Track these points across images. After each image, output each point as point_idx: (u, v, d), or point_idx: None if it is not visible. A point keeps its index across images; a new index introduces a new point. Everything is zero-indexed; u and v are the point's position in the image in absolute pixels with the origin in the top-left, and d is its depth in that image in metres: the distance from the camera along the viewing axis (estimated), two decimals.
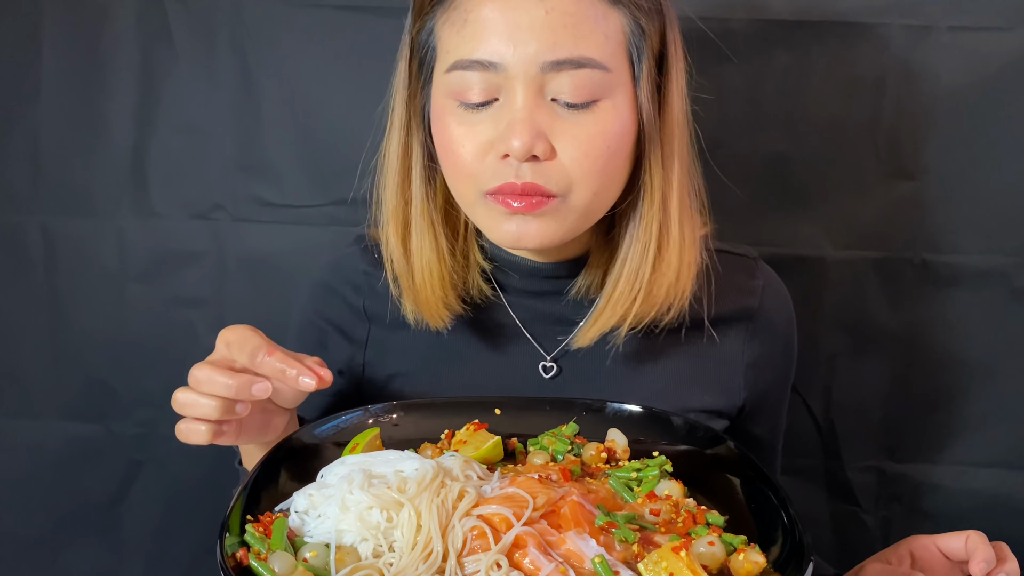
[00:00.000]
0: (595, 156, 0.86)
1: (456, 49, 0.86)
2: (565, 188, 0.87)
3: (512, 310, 1.00)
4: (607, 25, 0.85)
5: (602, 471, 0.85)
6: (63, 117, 1.33)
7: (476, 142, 0.87)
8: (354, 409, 0.91)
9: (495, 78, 0.85)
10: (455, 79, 0.86)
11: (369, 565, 0.69)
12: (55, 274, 1.37)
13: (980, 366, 1.33)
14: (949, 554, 0.88)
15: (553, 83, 0.84)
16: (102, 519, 1.42)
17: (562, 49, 0.83)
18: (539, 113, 0.85)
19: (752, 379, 1.04)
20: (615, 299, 0.93)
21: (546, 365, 1.00)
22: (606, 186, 0.89)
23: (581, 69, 0.84)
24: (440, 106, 0.89)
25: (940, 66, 1.25)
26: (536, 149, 0.84)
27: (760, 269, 1.07)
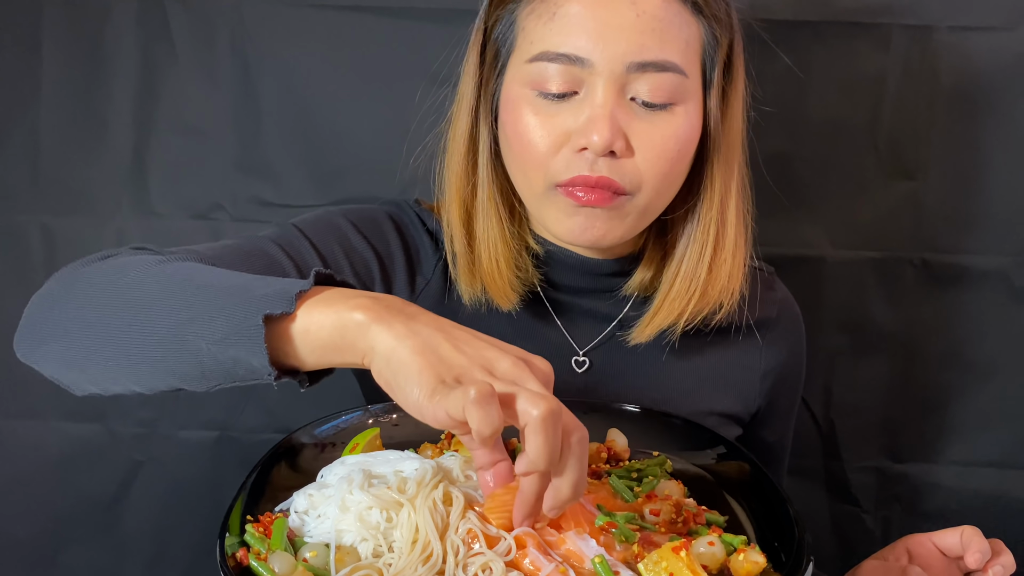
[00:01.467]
0: (667, 158, 0.88)
1: (542, 40, 0.87)
2: (635, 187, 0.89)
3: (550, 302, 1.01)
4: (689, 33, 0.88)
5: (602, 471, 0.85)
6: (63, 117, 1.32)
7: (552, 133, 0.88)
8: (354, 409, 0.91)
9: (579, 72, 0.86)
10: (537, 69, 0.88)
11: (368, 565, 0.69)
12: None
13: (980, 366, 1.33)
14: (945, 550, 0.88)
15: (635, 83, 0.86)
16: (102, 519, 1.42)
17: (648, 52, 0.85)
18: (619, 111, 0.86)
19: (767, 387, 1.07)
20: (671, 297, 0.96)
21: (578, 359, 1.01)
22: (669, 188, 0.92)
23: (663, 73, 0.86)
24: (516, 95, 0.90)
25: (940, 66, 1.25)
26: (615, 145, 0.86)
27: (776, 283, 1.11)
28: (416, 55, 1.25)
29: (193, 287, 0.71)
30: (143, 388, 0.74)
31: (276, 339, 0.66)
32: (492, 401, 0.59)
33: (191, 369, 0.69)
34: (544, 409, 0.61)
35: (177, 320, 0.69)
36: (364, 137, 1.31)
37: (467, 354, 0.64)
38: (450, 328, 0.66)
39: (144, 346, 0.70)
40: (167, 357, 0.69)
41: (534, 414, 0.61)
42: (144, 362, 0.71)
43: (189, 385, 0.72)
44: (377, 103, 1.29)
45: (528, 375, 0.64)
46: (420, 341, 0.64)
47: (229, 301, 0.67)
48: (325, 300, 0.66)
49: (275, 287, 0.68)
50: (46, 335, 0.76)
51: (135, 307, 0.71)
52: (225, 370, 0.68)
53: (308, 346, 0.66)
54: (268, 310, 0.65)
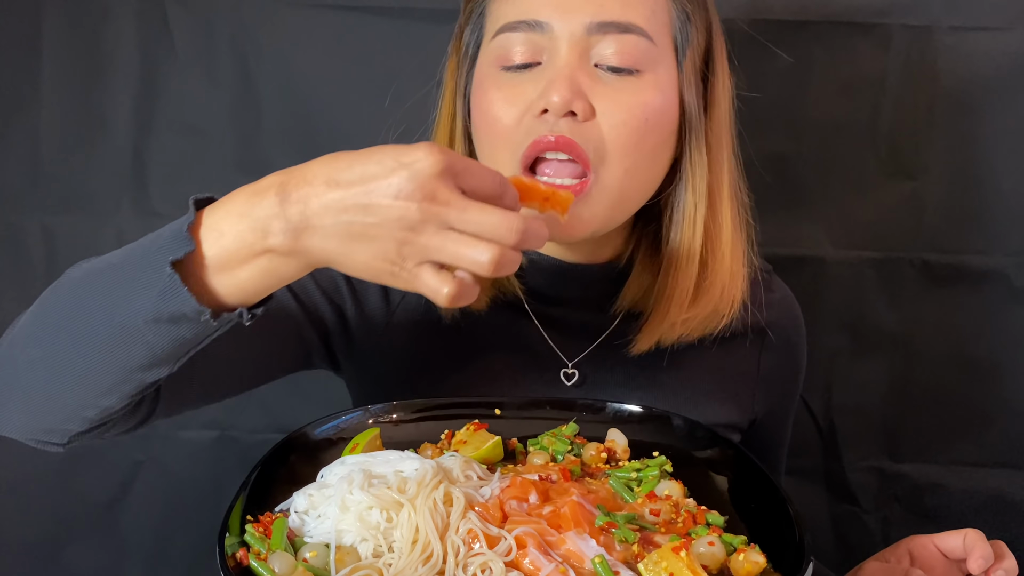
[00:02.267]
0: (633, 126, 0.85)
1: (504, 15, 0.87)
2: (599, 154, 0.85)
3: (536, 316, 0.99)
4: (654, 1, 0.86)
5: (602, 471, 0.85)
6: (63, 117, 1.32)
7: (515, 103, 0.86)
8: (354, 409, 0.91)
9: (540, 39, 0.85)
10: (500, 43, 0.87)
11: (368, 565, 0.69)
12: (55, 274, 1.34)
13: (980, 366, 1.33)
14: (947, 552, 0.88)
15: (597, 47, 0.85)
16: (102, 519, 1.42)
17: (609, 12, 0.84)
18: (581, 74, 0.84)
19: (765, 392, 1.04)
20: (666, 301, 0.92)
21: (568, 372, 0.99)
22: (640, 165, 0.87)
23: (627, 34, 0.84)
24: (483, 75, 0.89)
25: (940, 66, 1.25)
26: (574, 105, 0.83)
27: (774, 282, 1.07)
28: (416, 55, 1.24)
29: (102, 273, 0.70)
30: (115, 400, 0.72)
31: (195, 281, 0.66)
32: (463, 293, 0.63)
33: (144, 354, 0.68)
34: (490, 259, 0.62)
35: (105, 314, 0.68)
36: (364, 137, 1.30)
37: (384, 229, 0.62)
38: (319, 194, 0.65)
39: (93, 355, 0.69)
40: (118, 355, 0.68)
41: (485, 263, 0.62)
42: (100, 371, 0.70)
43: (154, 373, 0.70)
44: (377, 103, 1.29)
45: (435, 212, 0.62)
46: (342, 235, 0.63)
47: (133, 271, 0.67)
48: (216, 221, 0.66)
49: (167, 234, 0.67)
50: (4, 396, 0.75)
51: (65, 321, 0.70)
52: (172, 339, 0.67)
53: (232, 267, 0.66)
54: (171, 256, 0.65)
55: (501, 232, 0.62)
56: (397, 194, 0.61)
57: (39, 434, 0.76)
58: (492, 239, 0.62)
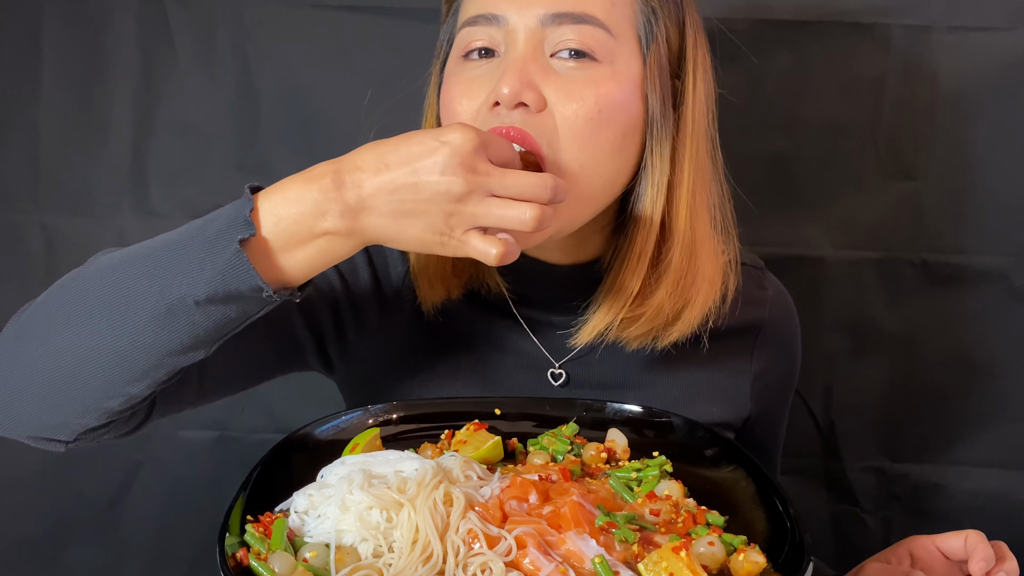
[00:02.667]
0: (584, 115, 0.83)
1: (467, 10, 0.88)
2: (553, 146, 0.83)
3: (522, 317, 0.99)
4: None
5: (602, 471, 0.85)
6: (63, 117, 1.33)
7: (472, 96, 0.86)
8: (354, 409, 0.91)
9: (498, 33, 0.86)
10: (462, 36, 0.88)
11: (369, 565, 0.69)
12: (55, 274, 1.34)
13: (980, 366, 1.33)
14: (948, 554, 0.88)
15: (553, 37, 0.84)
16: (102, 519, 1.42)
17: (564, 3, 0.84)
18: (533, 64, 0.84)
19: (758, 391, 1.04)
20: (611, 296, 0.90)
21: (555, 372, 0.99)
22: (597, 159, 0.85)
23: (582, 24, 0.84)
24: (448, 70, 0.90)
25: (940, 66, 1.25)
26: (524, 96, 0.82)
27: (767, 279, 1.06)
28: (416, 55, 1.24)
29: (143, 261, 0.72)
30: (144, 387, 0.73)
31: (256, 260, 0.70)
32: (508, 253, 0.71)
33: (186, 338, 0.71)
34: (532, 217, 0.70)
35: (154, 293, 0.69)
36: (364, 137, 1.30)
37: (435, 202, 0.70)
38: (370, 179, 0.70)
39: (131, 336, 0.70)
40: (158, 336, 0.70)
41: (527, 221, 0.70)
42: (137, 353, 0.71)
43: (188, 357, 0.73)
44: (377, 103, 1.29)
45: (479, 182, 0.70)
46: (395, 213, 0.70)
47: (191, 253, 0.70)
48: (273, 206, 0.71)
49: (225, 218, 0.71)
50: (10, 395, 0.75)
51: (98, 308, 0.71)
52: (218, 319, 0.71)
53: (291, 247, 0.71)
54: (239, 235, 0.69)
55: (537, 191, 0.71)
56: (444, 169, 0.69)
57: (48, 431, 0.77)
58: (530, 198, 0.71)
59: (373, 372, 1.00)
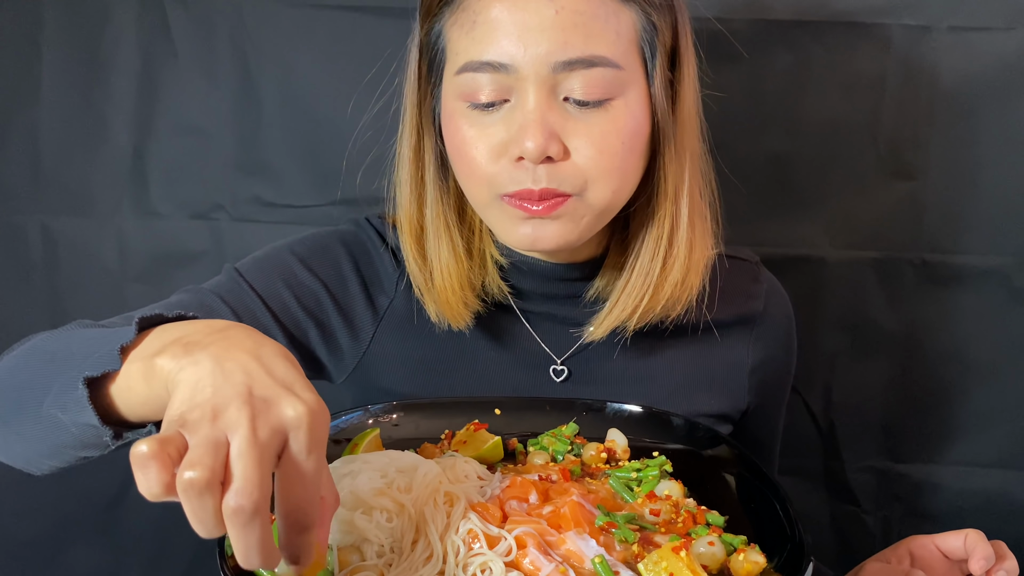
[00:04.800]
0: (610, 154, 0.85)
1: (466, 51, 0.85)
2: (580, 188, 0.86)
3: (523, 313, 0.99)
4: (618, 23, 0.85)
5: (602, 471, 0.85)
6: (63, 117, 1.33)
7: (489, 144, 0.86)
8: (354, 409, 0.91)
9: (506, 79, 0.84)
10: (465, 81, 0.86)
11: (370, 565, 0.69)
12: (55, 274, 1.37)
13: (980, 366, 1.33)
14: (948, 553, 0.88)
15: (565, 83, 0.84)
16: (102, 519, 1.42)
17: (573, 49, 0.82)
18: (551, 114, 0.84)
19: (755, 383, 1.04)
20: (625, 295, 0.93)
21: (557, 368, 0.99)
22: (622, 184, 0.88)
23: (593, 68, 0.83)
24: (451, 108, 0.88)
25: (940, 66, 1.25)
26: (550, 150, 0.83)
27: (762, 273, 1.07)
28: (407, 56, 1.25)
29: (48, 358, 0.72)
30: (59, 463, 0.74)
31: (109, 399, 0.65)
32: (148, 464, 0.57)
33: (70, 440, 0.69)
34: (186, 478, 0.56)
35: (38, 396, 0.69)
36: (364, 137, 1.31)
37: (213, 391, 0.57)
38: (233, 356, 0.59)
39: (28, 426, 0.71)
40: (47, 434, 0.70)
41: (182, 478, 0.56)
42: (37, 441, 0.72)
43: (86, 453, 0.71)
44: (377, 103, 1.29)
45: (242, 425, 0.55)
46: (193, 372, 0.59)
47: (65, 369, 0.67)
48: (139, 351, 0.63)
49: (103, 346, 0.65)
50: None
51: (11, 389, 0.73)
52: (93, 436, 0.67)
53: (129, 397, 0.64)
54: (88, 372, 0.64)
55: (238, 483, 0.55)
56: (252, 386, 0.57)
57: (19, 466, 0.78)
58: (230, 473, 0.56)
59: (371, 376, 1.00)
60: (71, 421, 0.66)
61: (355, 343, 0.99)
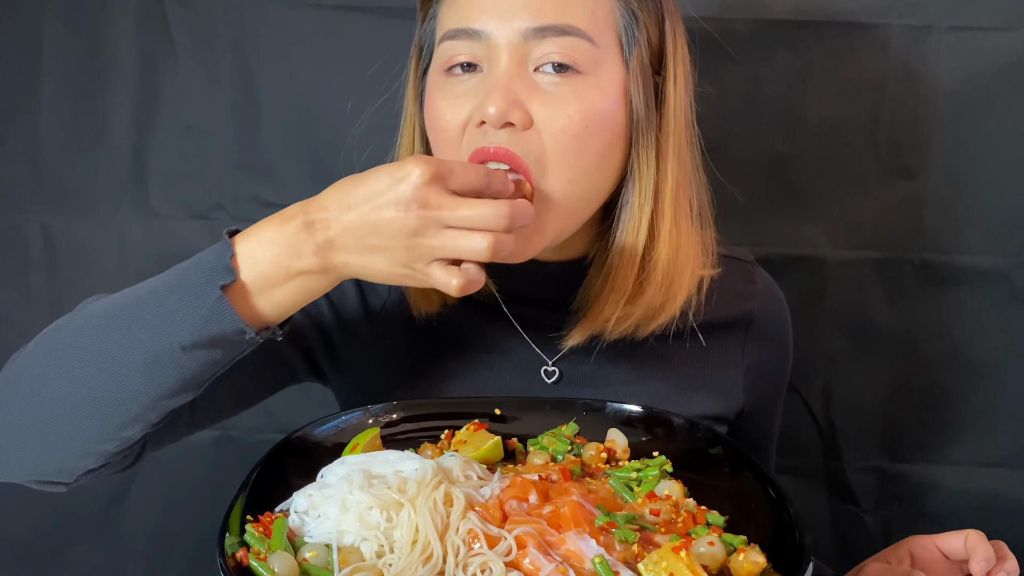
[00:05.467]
0: (572, 133, 0.83)
1: (447, 22, 0.87)
2: (540, 163, 0.84)
3: (513, 315, 0.99)
4: (595, 2, 0.85)
5: (602, 471, 0.85)
6: (63, 117, 1.33)
7: (458, 112, 0.86)
8: (354, 409, 0.91)
9: (479, 48, 0.85)
10: (443, 50, 0.87)
11: (369, 566, 0.69)
12: (55, 274, 1.37)
13: (980, 366, 1.33)
14: (949, 553, 0.88)
15: (536, 50, 0.84)
16: (102, 519, 1.42)
17: (546, 16, 0.83)
18: (518, 82, 0.83)
19: (751, 383, 1.04)
20: (600, 302, 0.91)
21: (548, 370, 0.99)
22: (584, 172, 0.86)
23: (565, 36, 0.83)
24: (431, 82, 0.90)
25: (940, 66, 1.25)
26: (511, 116, 0.82)
27: (757, 273, 1.07)
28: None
29: (138, 305, 0.75)
30: (137, 430, 0.76)
31: (237, 303, 0.72)
32: (471, 282, 0.71)
33: (175, 381, 0.73)
34: (488, 246, 0.70)
35: (142, 341, 0.72)
36: (364, 137, 1.31)
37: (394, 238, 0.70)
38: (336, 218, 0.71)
39: (123, 384, 0.73)
40: (149, 382, 0.73)
41: (483, 250, 0.70)
42: (129, 400, 0.73)
43: (179, 399, 0.75)
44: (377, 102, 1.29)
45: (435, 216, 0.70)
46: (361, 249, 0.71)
47: (174, 301, 0.73)
48: (250, 249, 0.73)
49: (207, 265, 0.73)
50: (7, 444, 0.77)
51: (89, 357, 0.73)
52: (204, 363, 0.74)
53: (269, 288, 0.73)
54: (220, 281, 0.71)
55: (491, 220, 0.70)
56: (398, 205, 0.69)
57: (48, 475, 0.79)
58: (485, 228, 0.70)
59: (365, 379, 1.01)
60: (192, 344, 0.72)
61: (351, 346, 0.99)
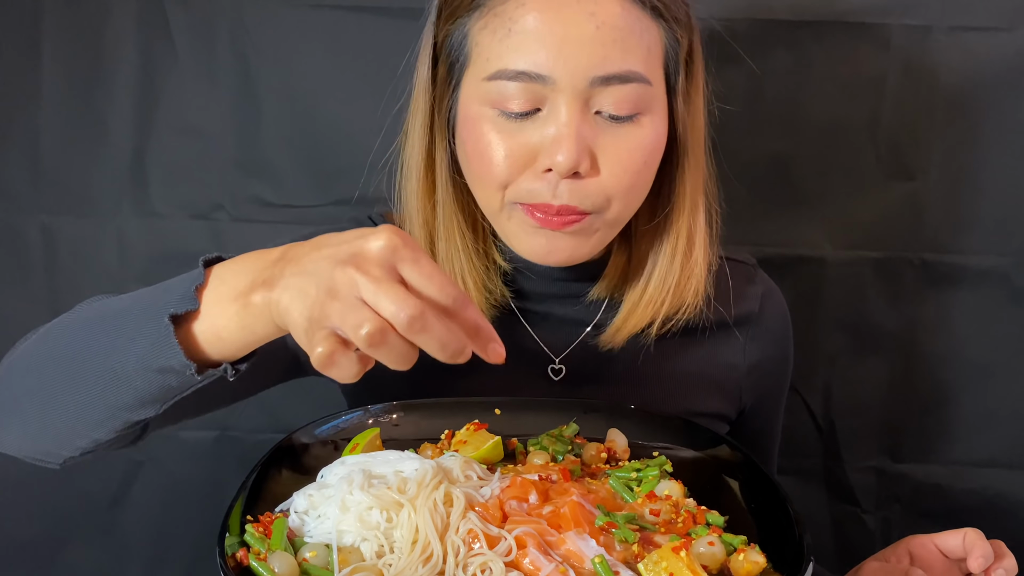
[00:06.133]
0: (634, 171, 0.86)
1: (499, 58, 0.84)
2: (601, 206, 0.86)
3: (522, 312, 1.00)
4: (650, 39, 0.85)
5: (602, 471, 0.85)
6: (63, 117, 1.32)
7: (514, 151, 0.85)
8: (354, 409, 0.91)
9: (540, 89, 0.83)
10: (496, 87, 0.84)
11: (370, 566, 0.69)
12: (55, 274, 1.37)
13: (980, 366, 1.33)
14: (947, 552, 0.88)
15: (598, 97, 0.84)
16: (102, 519, 1.42)
17: (611, 64, 0.82)
18: (585, 127, 0.84)
19: (752, 383, 1.05)
20: (644, 302, 0.94)
21: (555, 368, 1.00)
22: (636, 199, 0.90)
23: (628, 84, 0.84)
24: (476, 113, 0.87)
25: (940, 66, 1.25)
26: (581, 166, 0.83)
27: (758, 275, 1.08)
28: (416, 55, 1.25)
29: (102, 320, 0.74)
30: (102, 432, 0.75)
31: (191, 343, 0.68)
32: (335, 359, 0.60)
33: (131, 398, 0.72)
34: (364, 334, 0.59)
35: (100, 356, 0.72)
36: (364, 137, 1.31)
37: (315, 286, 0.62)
38: (304, 261, 0.64)
39: (82, 392, 0.73)
40: (105, 394, 0.72)
41: (361, 339, 0.59)
42: (88, 407, 0.73)
43: (139, 413, 0.74)
44: (377, 103, 1.29)
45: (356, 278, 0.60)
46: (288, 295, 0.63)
47: (136, 319, 0.70)
48: (218, 294, 0.68)
49: (174, 290, 0.70)
50: (3, 420, 0.79)
51: (64, 359, 0.74)
52: (159, 386, 0.70)
53: (223, 342, 0.68)
54: (172, 310, 0.67)
55: (393, 313, 0.59)
56: (337, 257, 0.62)
57: (35, 455, 0.80)
58: (387, 316, 0.59)
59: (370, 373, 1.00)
60: (142, 368, 0.69)
61: None
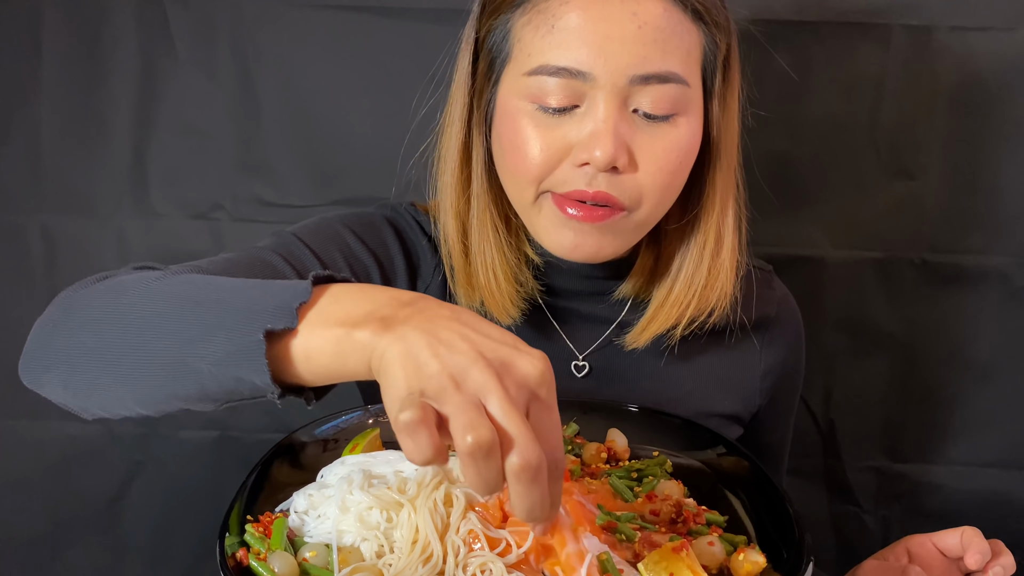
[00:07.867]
0: (669, 171, 0.87)
1: (541, 53, 0.85)
2: (635, 202, 0.87)
3: (548, 308, 1.00)
4: (690, 41, 0.86)
5: (602, 471, 0.85)
6: (63, 117, 1.32)
7: (552, 145, 0.86)
8: (354, 409, 0.91)
9: (580, 86, 0.84)
10: (536, 82, 0.85)
11: (370, 566, 0.69)
12: (55, 274, 1.37)
13: (980, 366, 1.33)
14: (945, 550, 0.88)
15: (637, 95, 0.84)
16: (102, 519, 1.42)
17: (651, 64, 0.83)
18: (623, 124, 0.84)
19: (767, 386, 1.06)
20: (670, 303, 0.95)
21: (578, 364, 1.00)
22: (668, 200, 0.90)
23: (666, 84, 0.84)
24: (514, 107, 0.88)
25: (940, 66, 1.25)
26: (618, 161, 0.84)
27: (775, 281, 1.10)
28: (416, 55, 1.25)
29: (191, 304, 0.68)
30: (149, 411, 0.72)
31: (278, 356, 0.63)
32: (418, 430, 0.54)
33: (194, 391, 0.67)
34: (471, 441, 0.53)
35: (176, 341, 0.66)
36: (364, 137, 1.31)
37: (441, 362, 0.56)
38: (440, 326, 0.58)
39: (145, 370, 0.68)
40: (169, 381, 0.67)
41: (464, 443, 0.54)
42: (146, 386, 0.69)
43: (194, 406, 0.70)
44: (377, 103, 1.29)
45: (494, 387, 0.56)
46: (404, 348, 0.57)
47: (228, 318, 0.64)
48: (324, 314, 0.62)
49: (274, 300, 0.64)
50: (48, 363, 0.73)
51: (134, 330, 0.68)
52: (228, 390, 0.66)
53: (311, 364, 0.62)
54: (269, 325, 0.62)
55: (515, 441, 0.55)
56: (482, 353, 0.57)
57: (70, 403, 0.75)
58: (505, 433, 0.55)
59: None
60: (218, 370, 0.64)
61: None
